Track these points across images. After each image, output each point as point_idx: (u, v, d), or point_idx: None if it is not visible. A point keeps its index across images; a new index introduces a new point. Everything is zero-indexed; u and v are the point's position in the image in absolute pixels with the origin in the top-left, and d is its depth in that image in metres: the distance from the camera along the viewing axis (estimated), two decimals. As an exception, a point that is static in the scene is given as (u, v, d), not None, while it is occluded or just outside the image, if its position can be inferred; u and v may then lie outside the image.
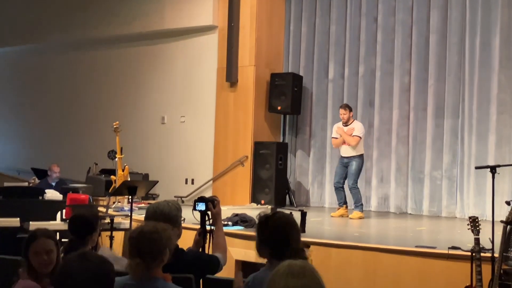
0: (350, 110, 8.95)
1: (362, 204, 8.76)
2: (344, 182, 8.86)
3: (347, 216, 8.77)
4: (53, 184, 9.87)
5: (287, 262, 2.10)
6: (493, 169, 5.09)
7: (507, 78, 8.93)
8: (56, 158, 11.05)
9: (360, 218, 8.58)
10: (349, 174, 8.71)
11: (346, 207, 8.88)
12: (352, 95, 10.46)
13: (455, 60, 9.43)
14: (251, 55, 10.69)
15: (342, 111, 8.90)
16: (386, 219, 9.04)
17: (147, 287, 2.94)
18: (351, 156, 8.70)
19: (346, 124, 8.85)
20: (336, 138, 8.92)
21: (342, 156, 8.86)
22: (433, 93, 9.61)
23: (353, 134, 8.71)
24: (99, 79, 12.92)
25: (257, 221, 3.33)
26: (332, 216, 8.85)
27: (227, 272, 4.86)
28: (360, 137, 8.72)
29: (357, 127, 8.80)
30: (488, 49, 9.09)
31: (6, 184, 9.62)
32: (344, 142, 8.78)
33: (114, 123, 9.67)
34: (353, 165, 8.66)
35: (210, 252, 4.02)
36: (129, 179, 9.18)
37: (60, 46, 13.70)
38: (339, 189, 8.85)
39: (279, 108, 10.62)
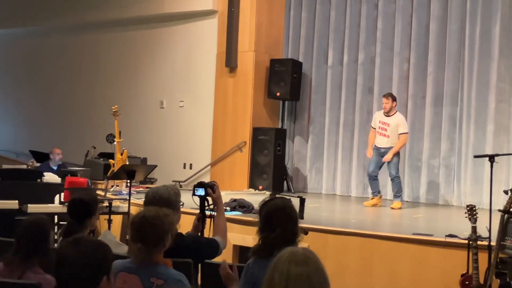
0: (394, 99, 8.61)
1: (402, 193, 8.65)
2: (378, 172, 8.74)
3: (380, 206, 8.69)
4: (55, 168, 9.87)
5: (290, 248, 2.10)
6: (492, 158, 5.11)
7: (506, 67, 8.93)
8: (54, 141, 11.07)
9: (400, 208, 8.43)
10: (389, 164, 8.49)
11: (381, 197, 8.78)
12: (351, 82, 10.45)
13: (455, 48, 9.42)
14: (251, 41, 10.66)
15: (384, 100, 8.60)
16: (383, 206, 9.05)
17: (148, 272, 2.96)
18: (388, 147, 8.48)
19: (387, 114, 8.58)
20: (375, 128, 8.68)
21: (378, 147, 8.61)
22: (432, 81, 9.60)
23: (399, 133, 8.45)
24: (98, 62, 12.89)
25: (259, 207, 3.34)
26: (365, 206, 8.71)
27: (225, 257, 4.89)
28: (407, 133, 8.58)
29: (401, 122, 8.51)
30: (488, 38, 9.07)
31: (4, 166, 9.64)
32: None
33: (113, 107, 9.66)
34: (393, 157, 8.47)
35: (211, 237, 4.03)
36: (127, 163, 9.18)
37: (58, 29, 13.64)
38: (373, 178, 8.67)
39: (278, 94, 10.61)
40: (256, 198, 8.40)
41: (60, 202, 7.22)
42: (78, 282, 2.30)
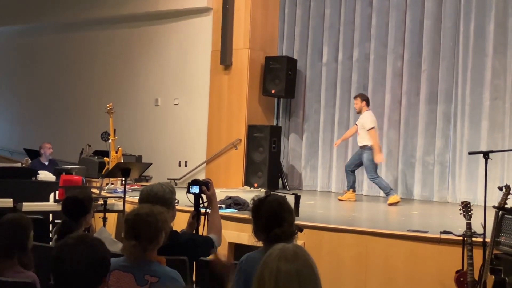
0: (362, 99, 8.83)
1: (392, 189, 8.71)
2: (354, 167, 8.91)
3: (355, 201, 8.85)
4: (46, 163, 9.84)
5: (280, 245, 2.09)
6: (486, 154, 5.11)
7: (501, 64, 8.94)
8: (48, 139, 11.01)
9: (398, 202, 8.49)
10: (364, 167, 8.73)
11: (353, 191, 8.93)
12: (346, 79, 10.46)
13: (449, 45, 9.42)
14: (246, 38, 10.65)
15: (354, 101, 8.93)
16: (377, 203, 9.08)
17: (142, 269, 2.96)
18: (362, 146, 8.68)
19: (359, 113, 8.84)
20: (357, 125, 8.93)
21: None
22: (426, 78, 9.61)
23: (367, 129, 8.57)
24: (93, 60, 12.85)
25: (251, 204, 3.32)
26: (339, 200, 8.90)
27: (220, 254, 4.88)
28: (374, 127, 8.62)
29: (364, 119, 8.67)
30: (482, 35, 9.08)
31: (-2, 164, 9.60)
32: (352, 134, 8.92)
33: (107, 105, 9.64)
34: (364, 158, 8.60)
35: (205, 234, 4.03)
36: (122, 161, 9.16)
37: (53, 26, 13.60)
38: (348, 172, 8.93)
39: (273, 91, 10.61)
40: (251, 195, 8.39)
41: (55, 200, 7.21)
42: (78, 282, 2.27)
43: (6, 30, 14.61)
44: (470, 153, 5.88)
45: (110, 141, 9.58)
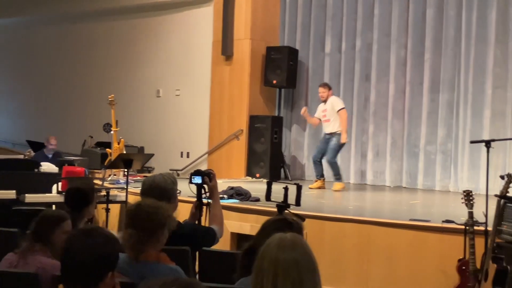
0: (330, 88, 9.10)
1: (341, 175, 8.99)
2: (322, 157, 9.04)
3: (324, 188, 8.97)
4: (50, 156, 9.85)
5: (278, 235, 2.09)
6: (488, 143, 5.10)
7: (503, 52, 8.91)
8: (51, 131, 11.06)
9: (343, 189, 8.75)
10: (328, 149, 8.85)
11: (323, 180, 9.06)
12: (349, 69, 10.42)
13: (452, 34, 9.39)
14: (247, 28, 10.61)
15: (321, 89, 9.01)
16: (381, 192, 9.08)
17: (140, 272, 2.85)
18: (331, 133, 8.83)
19: (325, 102, 8.96)
20: (318, 119, 9.07)
21: (324, 133, 9.01)
22: (429, 67, 9.58)
23: (337, 110, 8.75)
24: (94, 52, 12.84)
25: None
26: (310, 188, 8.93)
27: (222, 244, 4.91)
28: (344, 107, 8.87)
29: (334, 101, 8.91)
30: (484, 24, 9.05)
31: (1, 156, 9.62)
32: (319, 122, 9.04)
33: (109, 96, 9.65)
34: (333, 141, 8.78)
35: (207, 225, 4.04)
36: (124, 152, 9.18)
37: (54, 18, 13.59)
38: (316, 163, 9.06)
39: (274, 82, 10.59)
40: (253, 186, 8.42)
41: (58, 192, 7.23)
42: (83, 274, 2.27)
43: (7, 22, 14.59)
44: (472, 142, 5.87)
45: (112, 132, 9.60)
